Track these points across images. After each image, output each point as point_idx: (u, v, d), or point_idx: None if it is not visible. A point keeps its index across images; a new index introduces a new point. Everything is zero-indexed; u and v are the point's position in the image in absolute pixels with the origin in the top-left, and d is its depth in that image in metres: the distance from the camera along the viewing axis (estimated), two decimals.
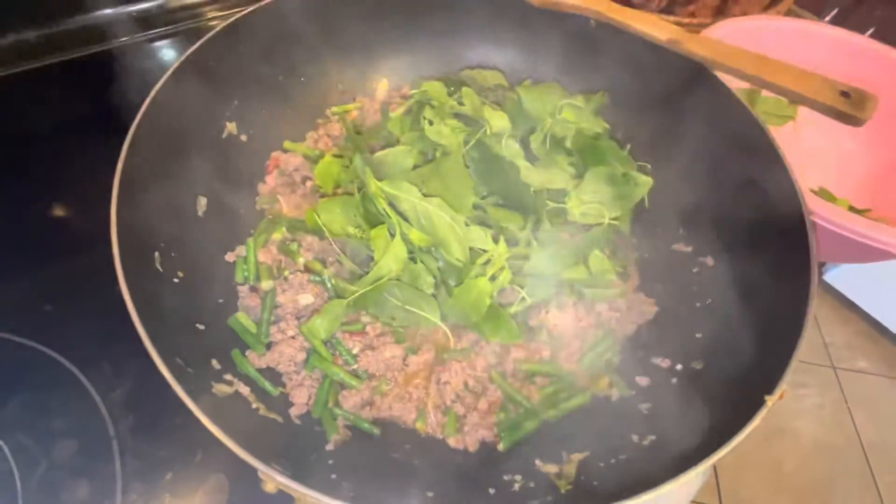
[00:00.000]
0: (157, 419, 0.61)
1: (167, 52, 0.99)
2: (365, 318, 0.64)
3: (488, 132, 0.67)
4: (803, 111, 0.95)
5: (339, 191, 0.70)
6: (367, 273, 0.60)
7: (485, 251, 0.60)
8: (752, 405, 0.46)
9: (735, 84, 0.68)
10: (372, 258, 0.61)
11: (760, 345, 0.53)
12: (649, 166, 0.74)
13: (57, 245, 0.74)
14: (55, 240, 0.75)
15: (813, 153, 0.99)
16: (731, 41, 0.69)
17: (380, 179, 0.61)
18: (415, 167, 0.64)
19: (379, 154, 0.65)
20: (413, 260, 0.60)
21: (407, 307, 0.57)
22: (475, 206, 0.63)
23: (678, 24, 0.71)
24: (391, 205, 0.60)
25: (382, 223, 0.60)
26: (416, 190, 0.59)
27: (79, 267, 0.71)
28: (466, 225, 0.60)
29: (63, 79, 0.93)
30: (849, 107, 0.60)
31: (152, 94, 0.58)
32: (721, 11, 1.05)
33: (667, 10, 1.06)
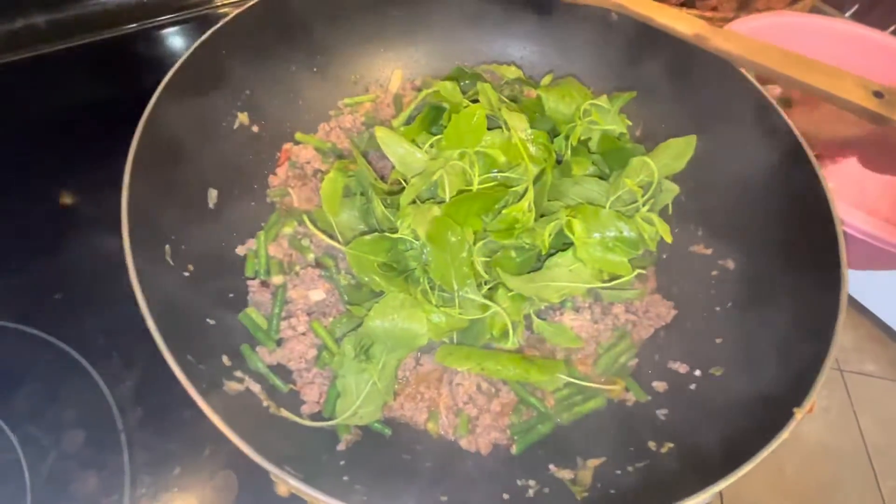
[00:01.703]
0: (166, 412, 0.61)
1: (177, 40, 0.97)
2: None
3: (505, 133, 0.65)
4: None
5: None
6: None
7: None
8: (776, 416, 0.45)
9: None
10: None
11: (784, 353, 0.52)
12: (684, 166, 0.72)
13: (67, 234, 0.73)
14: (65, 229, 0.74)
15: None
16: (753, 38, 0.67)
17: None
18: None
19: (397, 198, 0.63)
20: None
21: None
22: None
23: (700, 18, 0.69)
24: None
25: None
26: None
27: (88, 257, 0.70)
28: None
29: (73, 65, 0.92)
30: (882, 107, 0.58)
31: (163, 83, 0.57)
32: (744, 6, 1.02)
33: (687, 4, 1.03)
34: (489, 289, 0.60)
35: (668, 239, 0.61)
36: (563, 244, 0.61)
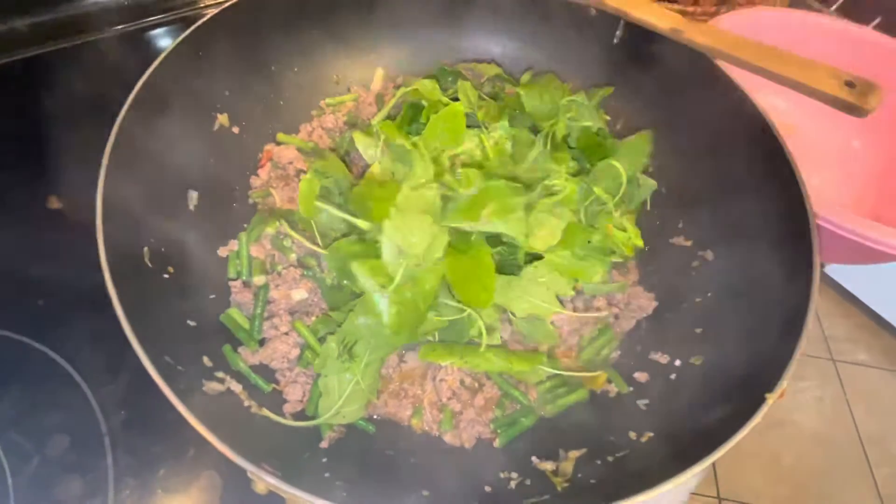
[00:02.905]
0: (150, 415, 0.60)
1: (161, 41, 0.97)
2: None
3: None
4: (808, 108, 0.94)
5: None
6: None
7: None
8: (752, 402, 0.46)
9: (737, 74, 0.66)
10: None
11: (761, 341, 0.52)
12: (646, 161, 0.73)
13: (50, 238, 0.73)
14: (48, 233, 0.74)
15: (816, 151, 0.98)
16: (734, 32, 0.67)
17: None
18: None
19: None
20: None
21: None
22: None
23: (681, 13, 0.69)
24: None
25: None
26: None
27: (72, 261, 0.69)
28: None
29: (55, 68, 0.91)
30: (854, 97, 0.58)
31: (138, 85, 0.57)
32: (725, 1, 1.03)
33: None
34: None
35: (640, 244, 0.62)
36: None
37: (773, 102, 0.77)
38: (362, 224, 0.57)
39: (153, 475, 0.57)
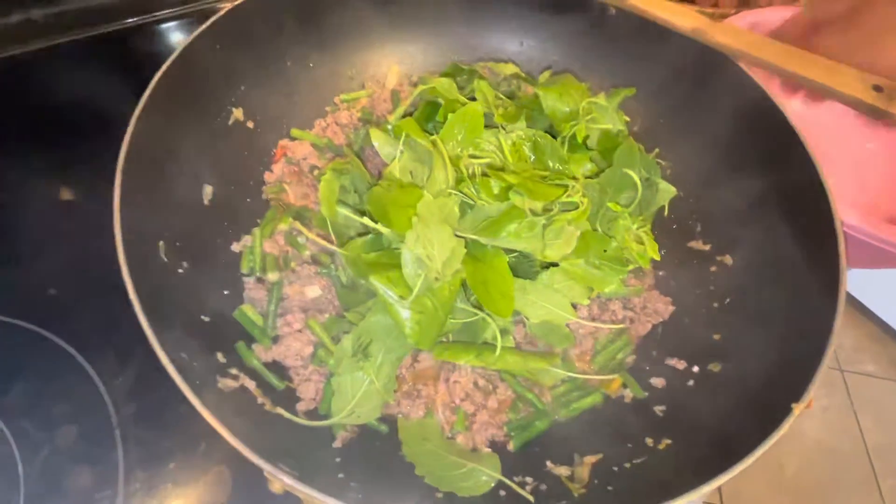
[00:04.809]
0: (161, 408, 0.60)
1: (178, 35, 0.97)
2: None
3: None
4: (822, 110, 0.92)
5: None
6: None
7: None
8: (773, 412, 0.45)
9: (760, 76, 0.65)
10: None
11: (782, 349, 0.52)
12: (663, 162, 0.71)
13: (63, 228, 0.73)
14: (62, 223, 0.74)
15: (830, 153, 0.96)
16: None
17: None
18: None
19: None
20: None
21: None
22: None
23: (700, 13, 0.68)
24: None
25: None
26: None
27: (85, 252, 0.69)
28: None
29: (70, 60, 0.91)
30: (881, 102, 0.57)
31: (156, 78, 0.56)
32: (746, 2, 1.01)
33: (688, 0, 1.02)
34: None
35: (656, 257, 0.61)
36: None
37: (787, 104, 0.76)
38: (381, 229, 0.56)
39: (164, 468, 0.57)
